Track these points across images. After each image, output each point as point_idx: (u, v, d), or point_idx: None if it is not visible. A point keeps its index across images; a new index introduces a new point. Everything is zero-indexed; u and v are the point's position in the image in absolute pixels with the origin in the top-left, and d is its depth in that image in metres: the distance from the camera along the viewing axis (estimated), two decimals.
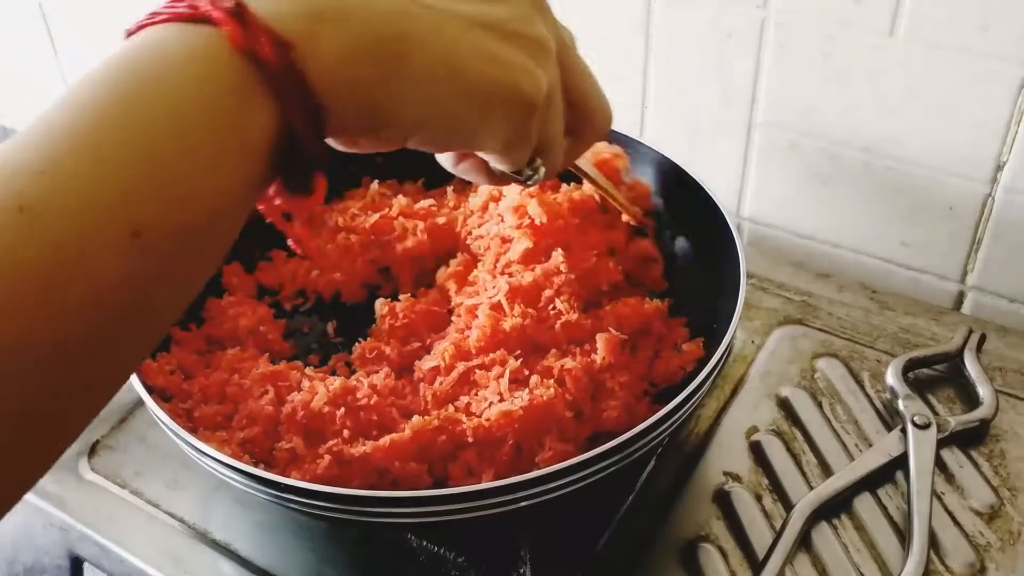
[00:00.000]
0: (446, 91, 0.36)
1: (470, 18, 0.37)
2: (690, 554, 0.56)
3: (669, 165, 0.67)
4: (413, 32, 0.35)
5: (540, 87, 0.39)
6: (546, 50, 0.40)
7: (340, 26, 0.33)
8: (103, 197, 0.28)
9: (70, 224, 0.28)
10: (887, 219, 0.76)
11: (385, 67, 0.34)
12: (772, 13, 0.71)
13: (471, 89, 0.37)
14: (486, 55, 0.37)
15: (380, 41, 0.34)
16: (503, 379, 0.55)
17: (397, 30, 0.34)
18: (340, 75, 0.33)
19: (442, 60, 0.36)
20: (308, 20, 0.33)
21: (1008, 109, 0.66)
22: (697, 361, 0.59)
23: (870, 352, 0.69)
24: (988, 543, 0.56)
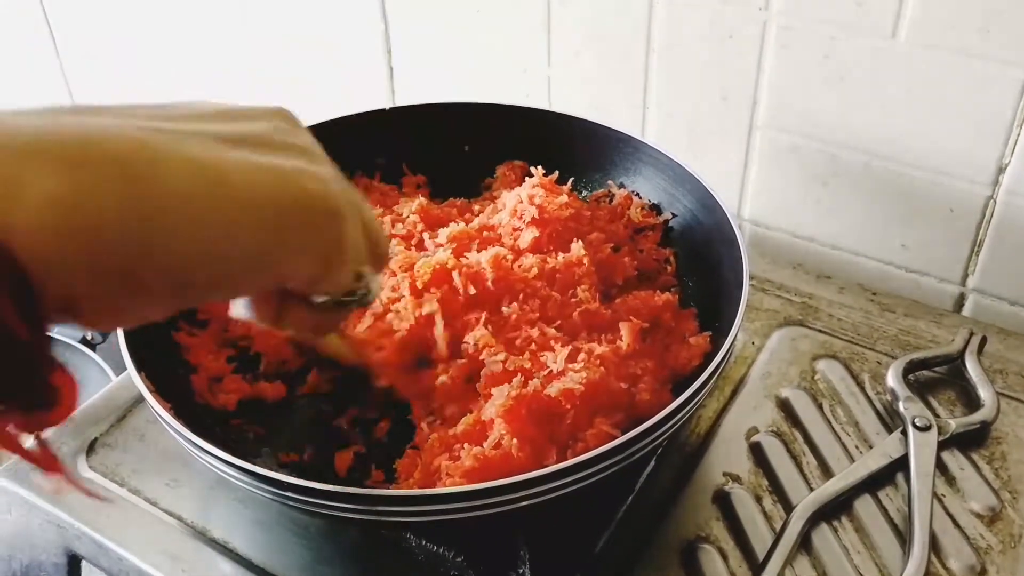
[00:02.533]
0: (220, 214, 0.29)
1: (218, 134, 0.31)
2: (690, 555, 0.56)
3: (671, 165, 0.67)
4: (152, 152, 0.28)
5: (330, 187, 0.33)
6: (319, 155, 0.35)
7: (50, 161, 0.25)
8: None
9: None
10: (888, 221, 0.76)
11: (126, 194, 0.26)
12: (774, 15, 0.71)
13: (251, 206, 0.30)
14: (253, 165, 0.30)
15: (112, 165, 0.27)
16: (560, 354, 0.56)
17: (132, 150, 0.27)
18: (60, 225, 0.25)
19: (200, 176, 0.29)
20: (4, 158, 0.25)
21: (1010, 111, 0.66)
22: (704, 355, 0.59)
23: (870, 354, 0.69)
24: (989, 545, 0.56)
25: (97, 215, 0.26)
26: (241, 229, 0.30)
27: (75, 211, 0.25)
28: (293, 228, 0.31)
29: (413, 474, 0.54)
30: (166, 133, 0.29)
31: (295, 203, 0.31)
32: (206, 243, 0.29)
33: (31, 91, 1.29)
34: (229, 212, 0.29)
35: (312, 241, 0.32)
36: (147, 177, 0.27)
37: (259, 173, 0.30)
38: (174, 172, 0.28)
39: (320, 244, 0.33)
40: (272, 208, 0.30)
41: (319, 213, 0.32)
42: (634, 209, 0.69)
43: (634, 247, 0.68)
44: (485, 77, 0.90)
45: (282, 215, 0.31)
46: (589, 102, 0.85)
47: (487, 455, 0.52)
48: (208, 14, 1.04)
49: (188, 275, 0.29)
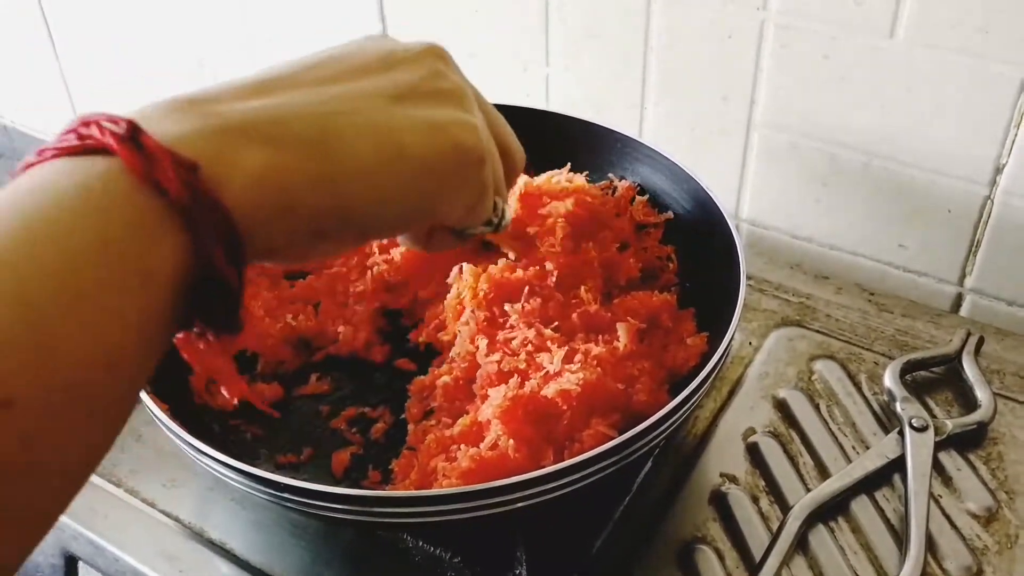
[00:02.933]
0: (393, 175, 0.34)
1: (384, 92, 0.35)
2: (686, 556, 0.56)
3: (669, 165, 0.67)
4: (335, 126, 0.33)
5: (479, 135, 0.38)
6: (467, 96, 0.39)
7: (255, 140, 0.31)
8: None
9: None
10: (886, 221, 0.76)
11: (318, 171, 0.32)
12: (772, 14, 0.71)
13: (418, 163, 0.35)
14: (418, 123, 0.35)
15: (304, 146, 0.32)
16: (557, 355, 0.56)
17: (319, 128, 0.32)
18: (264, 193, 0.30)
19: (378, 145, 0.34)
20: (218, 138, 0.30)
21: (1008, 112, 0.66)
22: (701, 356, 0.59)
23: (868, 354, 0.69)
24: (985, 546, 0.56)
25: (292, 187, 0.31)
26: (412, 187, 0.35)
27: (274, 184, 0.31)
28: (450, 178, 0.36)
29: (410, 475, 0.54)
30: (341, 101, 0.34)
31: (453, 156, 0.36)
32: (382, 202, 0.34)
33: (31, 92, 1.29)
34: (403, 177, 0.34)
35: (465, 186, 0.37)
36: (334, 153, 0.32)
37: (426, 133, 0.35)
38: (356, 147, 0.33)
39: (471, 188, 0.38)
40: (436, 164, 0.35)
41: (471, 162, 0.37)
42: (636, 207, 0.69)
43: (639, 245, 0.68)
44: (483, 76, 0.89)
45: (443, 169, 0.36)
46: (587, 101, 0.85)
47: (484, 456, 0.52)
48: (208, 15, 1.04)
49: (366, 226, 0.34)
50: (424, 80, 0.37)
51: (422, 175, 0.35)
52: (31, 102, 1.30)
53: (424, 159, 0.35)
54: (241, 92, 0.33)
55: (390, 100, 0.35)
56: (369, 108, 0.34)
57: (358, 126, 0.33)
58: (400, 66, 0.37)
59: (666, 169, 0.68)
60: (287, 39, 1.00)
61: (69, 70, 1.23)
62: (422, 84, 0.36)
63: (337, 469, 0.57)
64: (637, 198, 0.69)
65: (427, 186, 0.35)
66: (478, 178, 0.38)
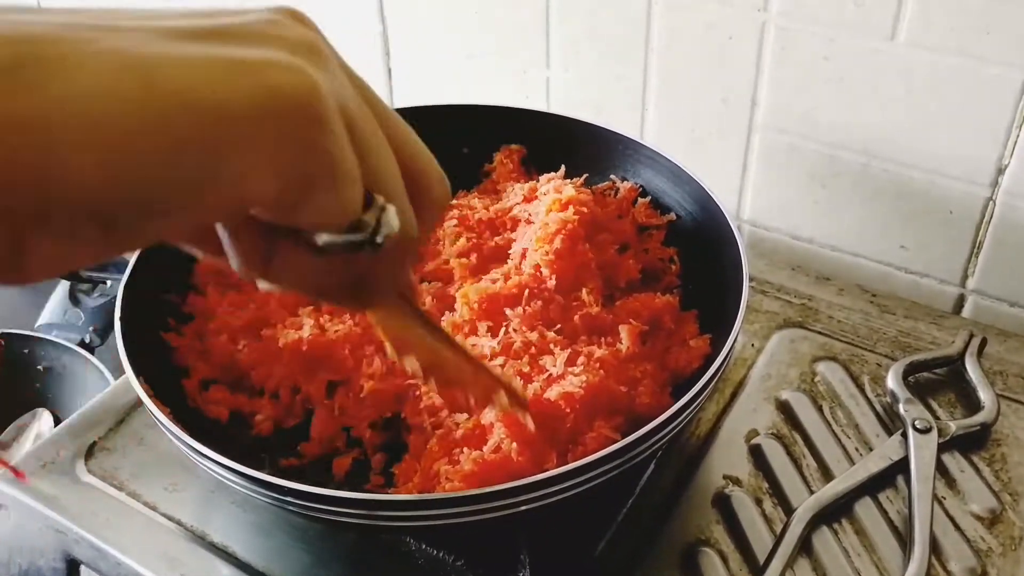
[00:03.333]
0: (147, 122, 0.23)
1: (172, 29, 0.25)
2: (690, 558, 0.56)
3: (670, 166, 0.67)
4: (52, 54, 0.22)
5: (313, 84, 0.26)
6: (316, 50, 0.28)
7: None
8: None
9: None
10: (887, 222, 0.76)
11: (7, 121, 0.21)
12: (773, 16, 0.71)
13: (182, 107, 0.23)
14: (196, 59, 0.24)
15: None
16: (559, 358, 0.56)
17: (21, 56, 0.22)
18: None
19: (120, 75, 0.23)
20: None
21: (1009, 113, 0.66)
22: (704, 358, 0.59)
23: (870, 356, 0.69)
24: (989, 548, 0.56)
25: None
26: (169, 141, 0.23)
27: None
28: (246, 130, 0.25)
29: (412, 478, 0.54)
30: (99, 31, 0.23)
31: (255, 101, 0.25)
32: (121, 162, 0.23)
33: None
34: (160, 124, 0.23)
35: (275, 150, 0.25)
36: (44, 81, 0.22)
37: (204, 68, 0.24)
38: (82, 75, 0.22)
39: (288, 153, 0.26)
40: (218, 110, 0.24)
41: (286, 113, 0.25)
42: (639, 209, 0.69)
43: (640, 246, 0.68)
44: (484, 79, 0.89)
45: (232, 117, 0.24)
46: (588, 103, 0.85)
47: (487, 459, 0.52)
48: None
49: (102, 205, 0.23)
50: (255, 25, 0.27)
51: (193, 125, 0.24)
52: None
53: (196, 100, 0.24)
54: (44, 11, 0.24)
55: (176, 37, 0.25)
56: (131, 40, 0.24)
57: (99, 50, 0.23)
58: (229, 15, 0.27)
59: (667, 171, 0.68)
60: None
61: None
62: (248, 28, 0.26)
63: (338, 473, 0.57)
64: (639, 200, 0.69)
65: (205, 140, 0.24)
66: (306, 140, 0.26)
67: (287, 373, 0.59)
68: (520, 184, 0.71)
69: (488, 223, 0.68)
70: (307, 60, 0.26)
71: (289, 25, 0.28)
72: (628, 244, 0.67)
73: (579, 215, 0.63)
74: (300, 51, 0.27)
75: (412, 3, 0.89)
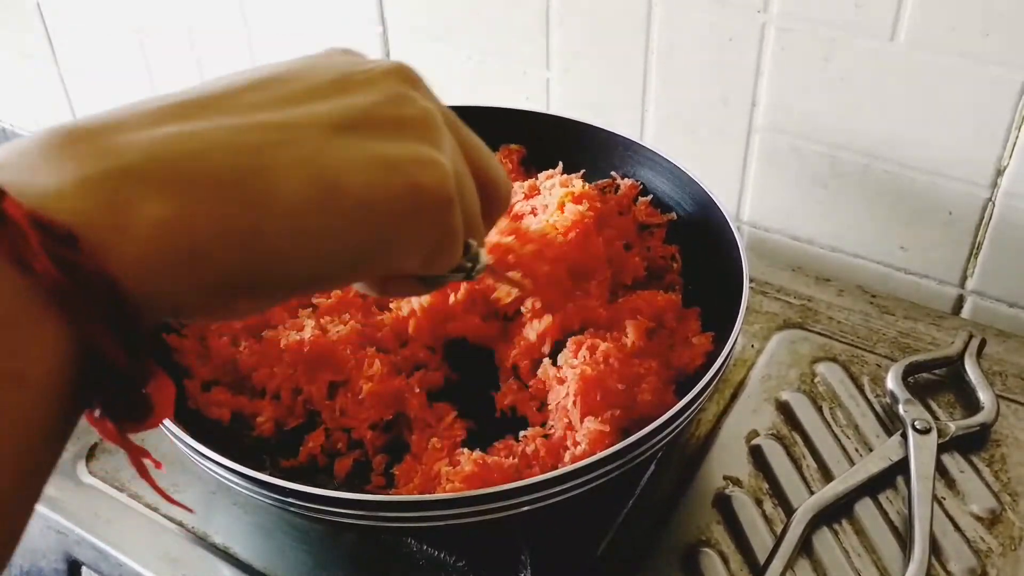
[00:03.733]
0: (327, 221, 0.28)
1: (328, 121, 0.29)
2: (691, 559, 0.56)
3: (670, 167, 0.67)
4: (260, 162, 0.27)
5: (445, 174, 0.31)
6: (433, 124, 0.32)
7: (157, 184, 0.25)
8: None
9: None
10: (887, 223, 0.76)
11: (234, 220, 0.26)
12: (773, 17, 0.71)
13: (360, 206, 0.29)
14: (366, 160, 0.29)
15: (220, 188, 0.26)
16: None
17: (240, 166, 0.27)
18: (166, 251, 0.25)
19: (309, 184, 0.28)
20: (111, 186, 0.25)
21: (1009, 114, 0.66)
22: (706, 355, 0.59)
23: (870, 356, 0.69)
24: (989, 548, 0.56)
25: (202, 240, 0.26)
26: (352, 234, 0.29)
27: (179, 238, 0.25)
28: (405, 224, 0.30)
29: (413, 479, 0.54)
30: (276, 130, 0.28)
31: (409, 199, 0.30)
32: (315, 252, 0.28)
33: (31, 95, 1.29)
34: (340, 219, 0.28)
35: (424, 234, 0.31)
36: (257, 194, 0.27)
37: (374, 172, 0.29)
38: (285, 186, 0.27)
39: (431, 235, 0.32)
40: (385, 207, 0.29)
41: (432, 206, 0.31)
42: (639, 207, 0.69)
43: (642, 245, 0.68)
44: (484, 80, 0.90)
45: (394, 213, 0.30)
46: (588, 105, 0.85)
47: (487, 460, 0.52)
48: (208, 18, 1.04)
49: (296, 280, 0.29)
50: (381, 105, 0.31)
51: (366, 220, 0.29)
52: (30, 105, 1.30)
53: (368, 201, 0.29)
54: (156, 115, 0.27)
55: (334, 130, 0.29)
56: (306, 139, 0.28)
57: (288, 162, 0.28)
58: (356, 89, 0.31)
59: (667, 172, 0.68)
60: (287, 43, 1.00)
61: (68, 74, 1.23)
62: (379, 110, 0.31)
63: (339, 474, 0.57)
64: (640, 199, 0.69)
65: (373, 233, 0.29)
66: (442, 224, 0.32)
67: (288, 374, 0.60)
68: (519, 183, 0.71)
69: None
70: (433, 144, 0.32)
71: (405, 99, 0.32)
72: (631, 243, 0.67)
73: (593, 210, 0.63)
74: (427, 134, 0.32)
75: (412, 4, 0.89)
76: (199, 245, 0.26)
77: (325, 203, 0.28)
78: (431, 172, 0.31)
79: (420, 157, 0.31)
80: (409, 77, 0.33)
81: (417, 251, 0.32)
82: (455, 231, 0.33)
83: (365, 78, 0.32)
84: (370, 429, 0.58)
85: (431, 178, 0.31)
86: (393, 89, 0.32)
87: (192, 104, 0.28)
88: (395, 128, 0.31)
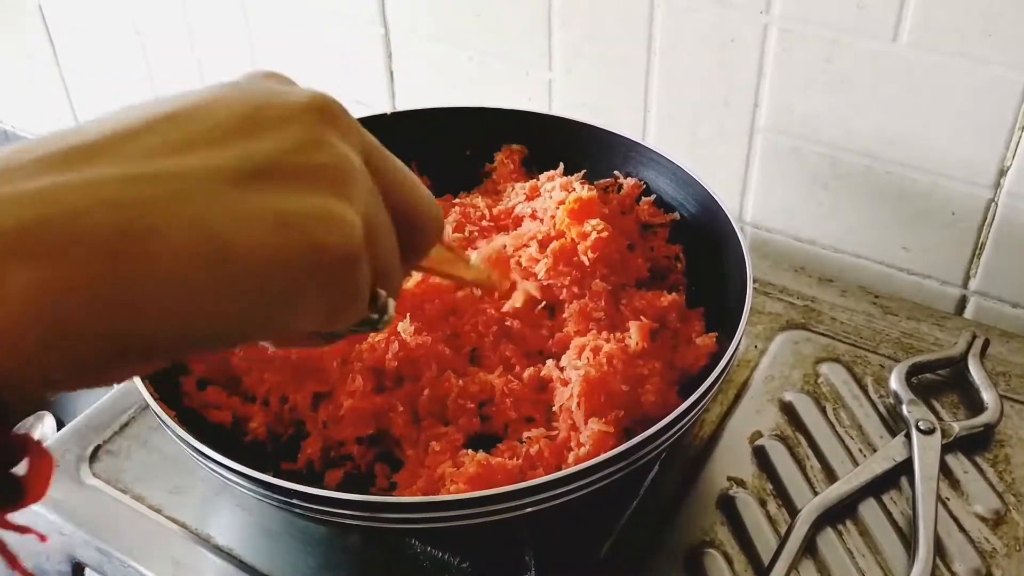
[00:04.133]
0: (219, 287, 0.26)
1: (229, 171, 0.27)
2: (694, 560, 0.56)
3: (672, 168, 0.67)
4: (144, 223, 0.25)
5: (350, 231, 0.29)
6: (347, 172, 0.29)
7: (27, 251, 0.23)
8: None
9: None
10: (889, 224, 0.76)
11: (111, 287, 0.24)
12: (775, 18, 0.71)
13: (250, 269, 0.26)
14: (262, 218, 0.27)
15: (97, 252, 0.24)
16: None
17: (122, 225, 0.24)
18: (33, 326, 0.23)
19: (201, 247, 0.25)
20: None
21: (1012, 114, 0.66)
22: (710, 356, 0.59)
23: (873, 357, 0.69)
24: (994, 549, 0.56)
25: (73, 312, 0.24)
26: (240, 298, 0.27)
27: (48, 311, 0.23)
28: (299, 286, 0.28)
29: (416, 481, 0.54)
30: (166, 182, 0.26)
31: (305, 261, 0.28)
32: (200, 318, 0.26)
33: (32, 96, 1.29)
34: (229, 285, 0.26)
35: (323, 293, 0.29)
36: (138, 259, 0.24)
37: (268, 232, 0.27)
38: (169, 250, 0.25)
39: (332, 295, 0.29)
40: (278, 272, 0.27)
41: (330, 266, 0.28)
42: (642, 207, 0.69)
43: (645, 245, 0.68)
44: (486, 81, 0.90)
45: (287, 276, 0.27)
46: (590, 106, 0.85)
47: (491, 461, 0.52)
48: (210, 20, 1.04)
49: (179, 347, 0.27)
50: (289, 153, 0.28)
51: (258, 285, 0.27)
52: (32, 107, 1.30)
53: (261, 265, 0.27)
54: (34, 165, 0.25)
55: (232, 182, 0.27)
56: (199, 193, 0.26)
57: (175, 220, 0.25)
58: (264, 131, 0.28)
59: (669, 172, 0.68)
60: (289, 44, 1.00)
61: (69, 75, 1.23)
62: (285, 159, 0.28)
63: (330, 485, 0.56)
64: (643, 199, 0.69)
65: (265, 297, 0.27)
66: (344, 283, 0.29)
67: (277, 381, 0.59)
68: (521, 184, 0.71)
69: (494, 218, 0.68)
70: (342, 195, 0.29)
71: (320, 142, 0.29)
72: (634, 243, 0.67)
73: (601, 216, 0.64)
74: (337, 185, 0.29)
75: (414, 6, 0.89)
76: (71, 315, 0.23)
77: (212, 269, 0.26)
78: (334, 230, 0.28)
79: (324, 213, 0.28)
80: (327, 113, 0.30)
81: (315, 312, 0.29)
82: (358, 290, 0.30)
83: (277, 116, 0.29)
84: (357, 443, 0.58)
85: (333, 237, 0.28)
86: (306, 131, 0.29)
87: (77, 151, 0.26)
88: (301, 179, 0.28)
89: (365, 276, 0.30)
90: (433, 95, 0.93)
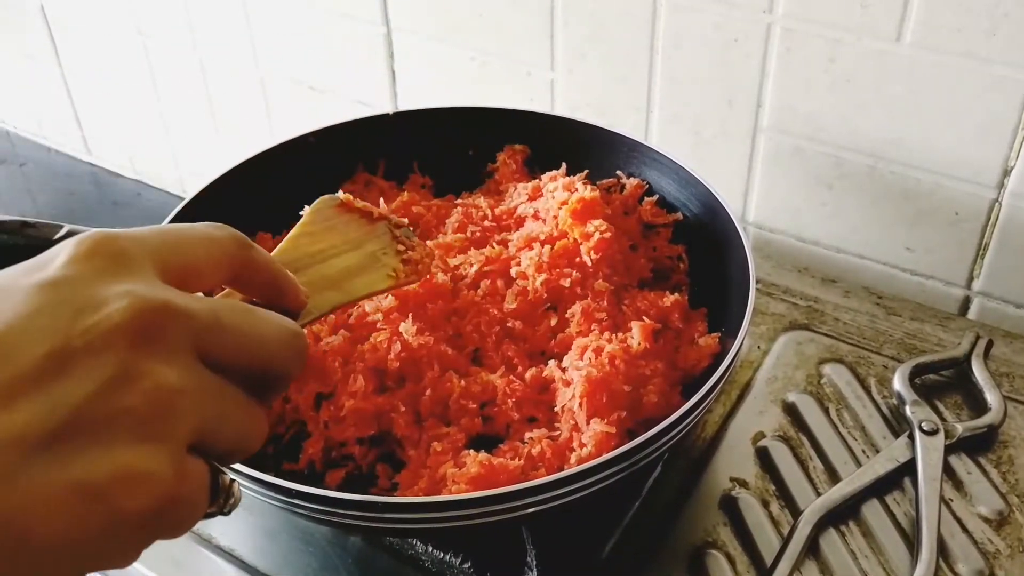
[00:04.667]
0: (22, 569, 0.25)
1: (30, 436, 0.25)
2: (697, 561, 0.56)
3: (675, 168, 0.67)
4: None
5: (155, 485, 0.27)
6: (161, 405, 0.28)
7: None
8: None
9: None
10: (893, 224, 0.76)
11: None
12: (778, 18, 0.71)
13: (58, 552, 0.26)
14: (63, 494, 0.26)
15: None
16: None
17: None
18: None
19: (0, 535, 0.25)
20: None
21: (1015, 114, 0.66)
22: (713, 356, 0.59)
23: (876, 357, 0.69)
24: (997, 550, 0.55)
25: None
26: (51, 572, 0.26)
27: None
28: (111, 548, 0.27)
29: (418, 482, 0.54)
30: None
31: (112, 528, 0.27)
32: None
33: (33, 96, 1.29)
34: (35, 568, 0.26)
35: (140, 541, 0.28)
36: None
37: (69, 510, 0.26)
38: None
39: (150, 539, 0.29)
40: (84, 547, 0.26)
41: (141, 524, 0.27)
42: (645, 207, 0.69)
43: (648, 245, 0.68)
44: (488, 81, 0.89)
45: (98, 546, 0.27)
46: (592, 106, 0.85)
47: (493, 462, 0.52)
48: (212, 21, 1.04)
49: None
50: (96, 399, 0.26)
51: (63, 558, 0.26)
52: (33, 107, 1.31)
53: (63, 543, 0.26)
54: None
55: (31, 452, 0.25)
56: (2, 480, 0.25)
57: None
58: (72, 367, 0.26)
59: (672, 173, 0.68)
60: (290, 45, 1.00)
61: (71, 75, 1.23)
62: (90, 409, 0.26)
63: (331, 485, 0.56)
64: (645, 199, 0.69)
65: (74, 564, 0.27)
66: (163, 525, 0.28)
67: None
68: (523, 184, 0.71)
69: (496, 219, 0.68)
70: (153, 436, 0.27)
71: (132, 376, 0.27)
72: (636, 243, 0.67)
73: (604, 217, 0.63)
74: (147, 425, 0.27)
75: (416, 6, 0.89)
76: None
77: (12, 558, 0.25)
78: (137, 491, 0.27)
79: (129, 472, 0.27)
80: (144, 332, 0.28)
81: (137, 552, 0.28)
82: (178, 523, 0.29)
83: (85, 347, 0.27)
84: (358, 443, 0.58)
85: (137, 501, 0.27)
86: (117, 364, 0.27)
87: None
88: (106, 430, 0.27)
89: (185, 508, 0.29)
90: (435, 95, 0.93)
